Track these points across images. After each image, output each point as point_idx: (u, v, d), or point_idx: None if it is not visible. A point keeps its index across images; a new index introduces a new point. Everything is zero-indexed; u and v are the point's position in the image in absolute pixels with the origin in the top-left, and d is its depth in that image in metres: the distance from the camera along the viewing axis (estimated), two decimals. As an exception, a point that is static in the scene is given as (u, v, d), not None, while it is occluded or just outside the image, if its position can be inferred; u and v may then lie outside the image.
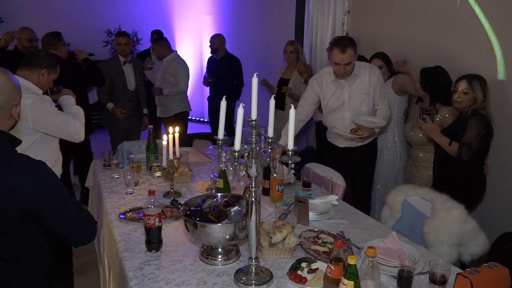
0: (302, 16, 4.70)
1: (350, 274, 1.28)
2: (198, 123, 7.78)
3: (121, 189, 2.51)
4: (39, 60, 2.43)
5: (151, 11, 7.64)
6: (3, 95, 1.45)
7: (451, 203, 2.10)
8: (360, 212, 2.32)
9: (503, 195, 2.86)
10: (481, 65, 2.88)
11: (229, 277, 1.60)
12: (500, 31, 2.83)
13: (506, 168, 2.84)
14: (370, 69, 2.95)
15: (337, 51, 2.76)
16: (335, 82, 2.96)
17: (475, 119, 2.54)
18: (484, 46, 2.91)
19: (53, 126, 2.40)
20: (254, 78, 1.46)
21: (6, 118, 1.49)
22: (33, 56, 2.49)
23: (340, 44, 2.76)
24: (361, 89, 2.94)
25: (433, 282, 1.50)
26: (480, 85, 2.56)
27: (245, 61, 5.32)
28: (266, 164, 1.57)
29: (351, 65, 2.82)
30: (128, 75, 4.38)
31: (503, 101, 2.82)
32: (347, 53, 2.74)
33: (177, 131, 2.36)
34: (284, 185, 2.37)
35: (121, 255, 1.78)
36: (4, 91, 1.46)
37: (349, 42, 2.78)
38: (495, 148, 2.81)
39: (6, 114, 1.48)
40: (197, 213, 1.72)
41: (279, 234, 1.75)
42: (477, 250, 2.03)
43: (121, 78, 4.33)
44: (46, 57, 2.50)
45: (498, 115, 2.74)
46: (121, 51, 4.35)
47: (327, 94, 3.00)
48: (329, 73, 2.98)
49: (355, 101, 2.95)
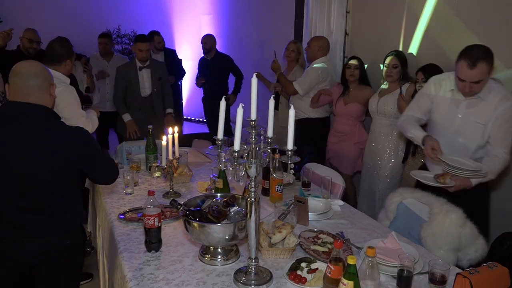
0: (301, 16, 4.69)
1: (350, 274, 1.28)
2: (197, 123, 7.78)
3: (121, 189, 2.51)
4: (59, 54, 2.71)
5: (150, 11, 7.64)
6: (43, 75, 1.81)
7: (449, 207, 2.07)
8: (360, 212, 2.33)
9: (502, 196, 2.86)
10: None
11: (229, 277, 1.60)
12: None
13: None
14: (502, 96, 2.22)
15: (464, 65, 2.11)
16: (453, 93, 2.32)
17: None
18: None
19: (73, 113, 2.62)
20: (254, 78, 1.46)
21: (48, 95, 1.82)
22: (52, 52, 2.73)
23: (469, 55, 2.10)
24: (479, 116, 2.26)
25: (432, 282, 1.50)
26: None
27: (244, 61, 5.33)
28: (266, 164, 1.57)
29: (480, 84, 2.16)
30: (143, 81, 4.10)
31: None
32: (477, 69, 2.08)
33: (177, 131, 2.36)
34: (283, 185, 2.37)
35: (120, 255, 1.78)
36: (42, 71, 1.82)
37: (484, 54, 2.10)
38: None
39: (47, 91, 1.82)
40: (196, 213, 1.72)
41: (279, 234, 1.75)
42: (475, 255, 2.01)
43: (133, 84, 4.05)
44: (61, 48, 2.74)
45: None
46: (141, 58, 3.99)
47: (440, 104, 2.38)
48: (452, 79, 2.33)
49: (467, 130, 2.30)
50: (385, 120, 3.32)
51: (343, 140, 3.72)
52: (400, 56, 3.28)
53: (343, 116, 3.69)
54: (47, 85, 1.82)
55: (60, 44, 2.76)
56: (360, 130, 3.67)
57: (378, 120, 3.39)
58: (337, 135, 3.77)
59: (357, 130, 3.66)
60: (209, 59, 5.31)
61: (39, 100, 1.77)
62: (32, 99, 1.76)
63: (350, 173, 3.74)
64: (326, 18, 4.31)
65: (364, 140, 3.59)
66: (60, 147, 1.73)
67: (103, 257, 2.29)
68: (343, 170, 3.68)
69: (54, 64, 2.70)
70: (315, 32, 4.37)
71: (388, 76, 3.29)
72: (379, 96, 3.37)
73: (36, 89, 1.77)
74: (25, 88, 1.75)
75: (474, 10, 2.99)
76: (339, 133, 3.74)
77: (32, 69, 1.79)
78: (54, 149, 1.72)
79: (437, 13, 3.26)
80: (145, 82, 4.11)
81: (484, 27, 2.90)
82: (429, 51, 3.32)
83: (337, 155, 3.77)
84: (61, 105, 2.51)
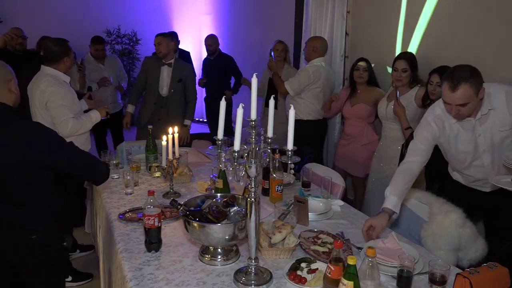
0: (301, 16, 4.69)
1: (350, 274, 1.28)
2: (198, 123, 7.78)
3: (121, 189, 2.51)
4: (56, 53, 2.79)
5: (151, 11, 7.64)
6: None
7: (449, 207, 2.08)
8: (359, 212, 2.33)
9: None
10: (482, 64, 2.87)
11: (229, 277, 1.60)
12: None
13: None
14: (506, 93, 2.06)
15: (446, 87, 1.95)
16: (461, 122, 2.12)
17: None
18: (484, 45, 2.92)
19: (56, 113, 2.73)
20: (254, 78, 1.46)
21: (6, 92, 1.83)
22: (49, 52, 2.80)
23: (451, 77, 1.94)
24: (499, 124, 2.08)
25: (432, 282, 1.50)
26: None
27: (244, 61, 5.33)
28: (266, 165, 1.57)
29: (468, 107, 1.97)
30: (162, 79, 4.05)
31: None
32: (460, 91, 1.91)
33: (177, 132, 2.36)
34: (283, 185, 2.37)
35: (120, 255, 1.78)
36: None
37: (467, 75, 1.91)
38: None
39: (6, 89, 1.82)
40: (196, 213, 1.72)
41: (279, 234, 1.75)
42: (475, 255, 2.01)
43: (153, 79, 4.04)
44: (56, 46, 2.81)
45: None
46: (158, 52, 4.04)
47: (451, 137, 2.19)
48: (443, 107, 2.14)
49: (494, 142, 2.12)
50: (395, 125, 3.17)
51: (351, 143, 3.64)
52: (410, 59, 3.12)
53: (351, 118, 3.63)
54: (4, 83, 1.83)
55: (54, 43, 2.83)
56: (369, 131, 3.58)
57: (388, 125, 3.26)
58: (346, 138, 3.71)
59: (365, 131, 3.57)
60: (212, 59, 5.34)
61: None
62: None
63: (362, 175, 3.64)
64: (326, 18, 4.31)
65: (373, 142, 3.51)
66: (15, 142, 1.75)
67: (104, 257, 2.29)
68: (354, 173, 3.64)
69: (53, 63, 2.80)
70: (315, 32, 4.36)
71: (397, 81, 3.12)
72: (387, 101, 3.24)
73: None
74: None
75: (475, 10, 2.98)
76: (348, 135, 3.68)
77: None
78: (8, 144, 1.75)
79: (437, 13, 3.26)
80: (164, 80, 4.05)
81: (485, 27, 2.90)
82: (429, 51, 3.31)
83: (346, 158, 3.69)
84: (48, 104, 2.72)
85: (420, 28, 3.42)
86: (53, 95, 2.71)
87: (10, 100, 1.85)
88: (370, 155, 3.48)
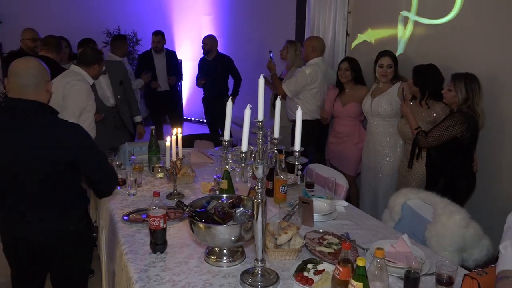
0: (303, 17, 4.69)
1: (359, 276, 1.27)
2: (198, 123, 7.77)
3: (124, 190, 2.50)
4: (90, 59, 3.09)
5: (150, 11, 7.63)
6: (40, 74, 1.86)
7: (453, 208, 2.07)
8: (364, 213, 2.32)
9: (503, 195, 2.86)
10: (481, 64, 2.87)
11: (235, 278, 1.59)
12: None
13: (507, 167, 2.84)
14: None
15: None
16: None
17: (452, 114, 2.64)
18: (484, 46, 2.92)
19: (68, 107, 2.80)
20: (261, 79, 1.46)
21: (44, 91, 1.88)
22: (85, 56, 3.11)
23: None
24: None
25: (440, 283, 1.49)
26: (465, 84, 2.60)
27: (244, 61, 5.32)
28: (271, 165, 1.57)
29: None
30: (103, 90, 3.68)
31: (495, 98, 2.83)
32: None
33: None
34: (288, 186, 2.36)
35: (125, 257, 1.77)
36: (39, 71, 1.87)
37: None
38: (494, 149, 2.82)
39: (44, 89, 1.88)
40: (202, 214, 1.71)
41: (285, 235, 1.74)
42: (480, 256, 2.00)
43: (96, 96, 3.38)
44: (93, 54, 3.13)
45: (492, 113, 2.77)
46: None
47: None
48: None
49: None
50: (380, 120, 3.34)
51: (344, 141, 3.70)
52: (393, 56, 3.34)
53: (342, 117, 3.68)
54: (43, 83, 1.87)
55: (92, 50, 3.19)
56: (361, 130, 3.66)
57: (373, 121, 3.39)
58: (337, 136, 3.75)
59: (358, 130, 3.65)
60: (210, 59, 5.30)
61: (34, 97, 1.83)
62: (29, 97, 1.82)
63: (353, 174, 3.72)
64: (328, 19, 4.31)
65: (364, 140, 3.59)
66: (50, 140, 1.80)
67: (107, 257, 2.28)
68: (345, 171, 3.67)
69: (83, 66, 3.07)
70: (317, 33, 4.36)
71: (383, 76, 3.31)
72: (371, 97, 3.38)
73: (32, 87, 1.82)
74: (21, 87, 1.81)
75: (477, 11, 2.98)
76: (339, 134, 3.73)
77: (29, 69, 1.83)
78: (45, 142, 1.79)
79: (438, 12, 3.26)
80: (106, 90, 3.65)
81: (489, 28, 2.90)
82: (429, 51, 3.31)
83: (338, 156, 3.75)
84: (65, 98, 2.83)
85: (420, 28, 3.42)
86: (71, 92, 2.85)
87: (46, 99, 1.91)
88: (361, 154, 3.60)
